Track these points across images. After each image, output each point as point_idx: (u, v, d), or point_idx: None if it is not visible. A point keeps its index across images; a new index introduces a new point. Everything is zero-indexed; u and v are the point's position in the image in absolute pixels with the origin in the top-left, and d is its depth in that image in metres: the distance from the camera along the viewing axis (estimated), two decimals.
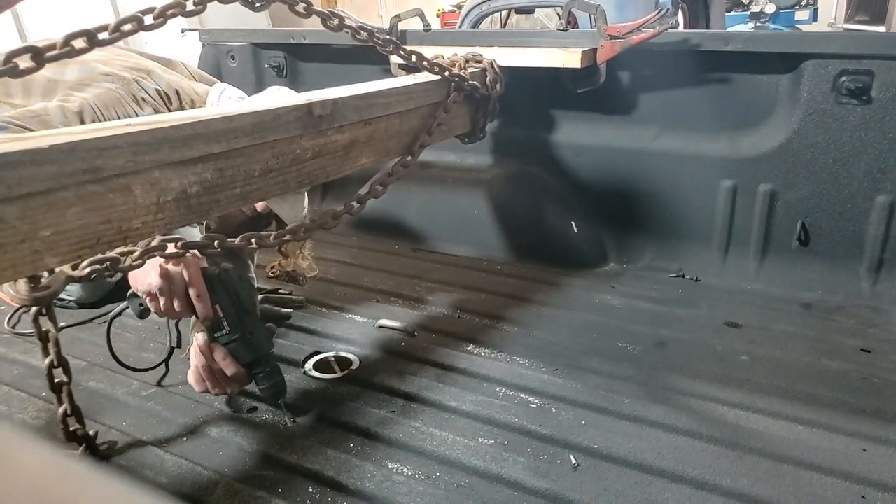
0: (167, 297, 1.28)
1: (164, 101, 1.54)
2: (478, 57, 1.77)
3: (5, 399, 1.46)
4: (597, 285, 2.02)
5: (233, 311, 1.32)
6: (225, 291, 1.32)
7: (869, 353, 1.60)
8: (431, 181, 2.37)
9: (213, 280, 1.31)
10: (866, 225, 1.86)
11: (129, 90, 1.47)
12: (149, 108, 1.47)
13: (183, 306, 1.29)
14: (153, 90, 1.52)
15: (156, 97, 1.52)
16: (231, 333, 1.32)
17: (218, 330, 1.32)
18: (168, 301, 1.28)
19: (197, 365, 1.34)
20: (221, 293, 1.31)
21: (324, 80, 1.59)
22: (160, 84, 1.55)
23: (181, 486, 1.19)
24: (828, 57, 1.78)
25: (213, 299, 1.30)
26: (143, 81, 1.53)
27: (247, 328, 1.34)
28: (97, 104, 1.39)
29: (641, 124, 2.08)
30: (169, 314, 1.31)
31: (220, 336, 1.32)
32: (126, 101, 1.44)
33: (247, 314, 1.35)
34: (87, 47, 0.98)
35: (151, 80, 1.54)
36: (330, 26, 1.27)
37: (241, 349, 1.32)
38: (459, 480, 1.19)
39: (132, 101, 1.46)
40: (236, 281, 1.35)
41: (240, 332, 1.33)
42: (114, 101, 1.42)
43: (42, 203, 0.81)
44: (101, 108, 1.39)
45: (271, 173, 1.13)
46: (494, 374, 1.51)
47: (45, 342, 1.16)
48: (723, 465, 1.20)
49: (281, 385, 1.37)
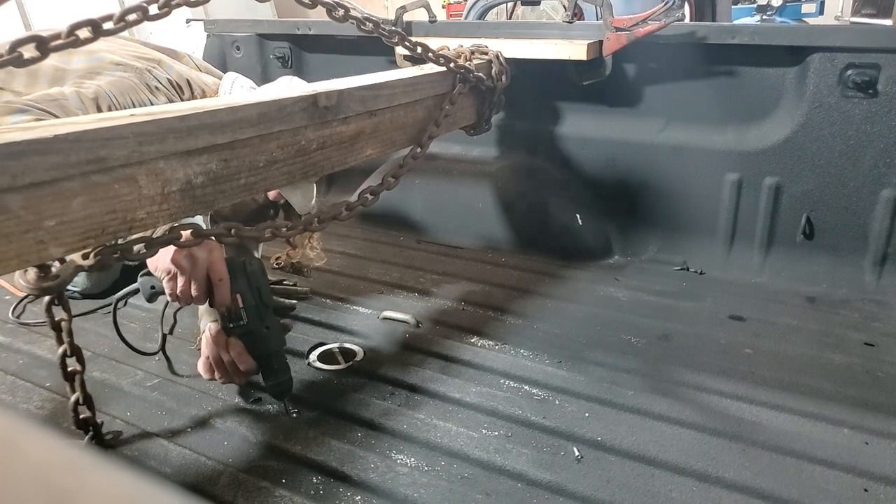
0: (187, 277, 1.27)
1: (177, 91, 1.53)
2: (483, 48, 1.77)
3: (10, 389, 1.46)
4: (601, 278, 2.02)
5: (253, 303, 1.32)
6: (247, 282, 1.32)
7: (873, 347, 1.59)
8: (436, 173, 2.37)
9: (236, 269, 1.30)
10: (871, 219, 1.85)
11: (142, 79, 1.46)
12: (162, 97, 1.47)
13: (200, 290, 1.28)
14: (165, 80, 1.52)
15: (168, 87, 1.52)
16: (249, 325, 1.32)
17: (235, 320, 1.32)
18: (186, 283, 1.27)
19: (209, 355, 1.34)
20: (244, 283, 1.31)
21: (329, 71, 1.59)
22: (171, 74, 1.55)
23: (185, 476, 1.20)
24: (834, 50, 1.77)
25: (234, 288, 1.30)
26: (155, 71, 1.52)
27: (264, 322, 1.34)
28: (113, 91, 1.39)
29: (647, 117, 2.07)
30: (184, 297, 1.29)
31: (235, 326, 1.32)
32: (140, 89, 1.44)
33: (265, 308, 1.35)
34: (91, 37, 0.98)
35: (163, 70, 1.54)
36: (335, 17, 1.26)
37: (256, 342, 1.33)
38: (463, 472, 1.19)
39: (146, 89, 1.45)
40: (259, 273, 1.35)
41: (257, 324, 1.32)
42: (128, 88, 1.42)
43: (47, 193, 0.81)
44: (116, 95, 1.39)
45: (276, 164, 1.13)
46: (498, 366, 1.51)
47: (59, 331, 1.16)
48: (726, 458, 1.21)
49: (287, 384, 1.36)
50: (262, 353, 1.33)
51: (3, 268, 0.80)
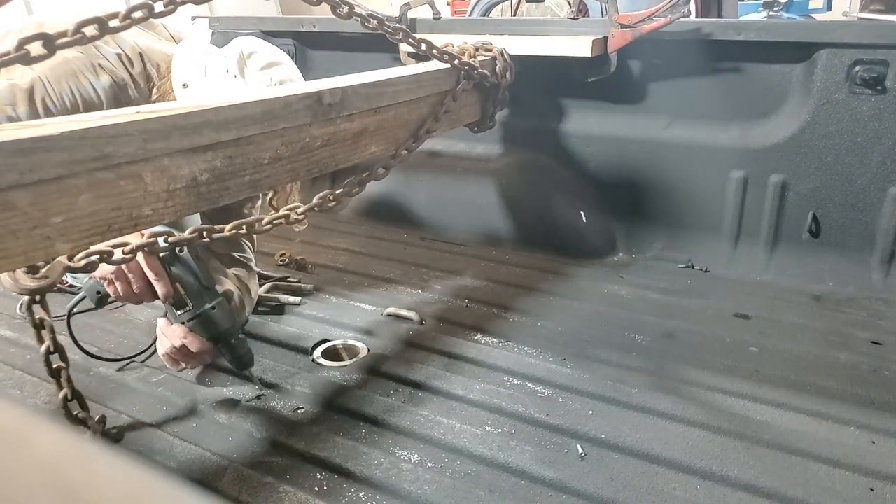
0: (123, 280, 1.29)
1: (126, 65, 1.49)
2: (488, 45, 1.76)
3: (18, 383, 1.47)
4: (605, 275, 2.01)
5: (194, 288, 1.34)
6: (183, 268, 1.33)
7: (879, 346, 1.59)
8: (440, 170, 2.37)
9: (169, 259, 1.32)
10: (878, 216, 1.84)
11: (87, 56, 1.43)
12: (106, 75, 1.43)
13: (142, 288, 1.30)
14: (113, 55, 1.47)
15: (115, 62, 1.47)
16: (194, 310, 1.35)
17: (181, 307, 1.35)
18: (125, 285, 1.30)
19: (165, 350, 1.38)
20: (180, 271, 1.33)
21: (333, 68, 1.59)
22: (124, 48, 1.50)
23: (190, 471, 1.20)
24: (842, 46, 1.76)
25: (172, 278, 1.32)
26: (105, 46, 1.47)
27: (209, 303, 1.36)
28: (49, 79, 1.36)
29: (652, 114, 2.07)
30: (129, 298, 1.32)
31: (183, 314, 1.35)
32: (81, 72, 1.40)
33: (206, 290, 1.37)
34: (97, 34, 0.99)
35: (115, 44, 1.49)
36: (340, 14, 1.26)
37: (207, 324, 1.35)
38: (466, 468, 1.19)
39: (89, 70, 1.41)
40: (193, 257, 1.36)
41: (203, 307, 1.35)
42: (67, 73, 1.39)
43: (54, 190, 0.82)
44: (52, 83, 1.36)
45: (280, 161, 1.14)
46: (502, 364, 1.51)
47: (40, 329, 1.17)
48: (730, 456, 1.20)
49: (247, 357, 1.40)
50: (215, 333, 1.37)
51: (9, 264, 0.81)
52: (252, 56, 1.41)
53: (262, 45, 1.47)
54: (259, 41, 1.49)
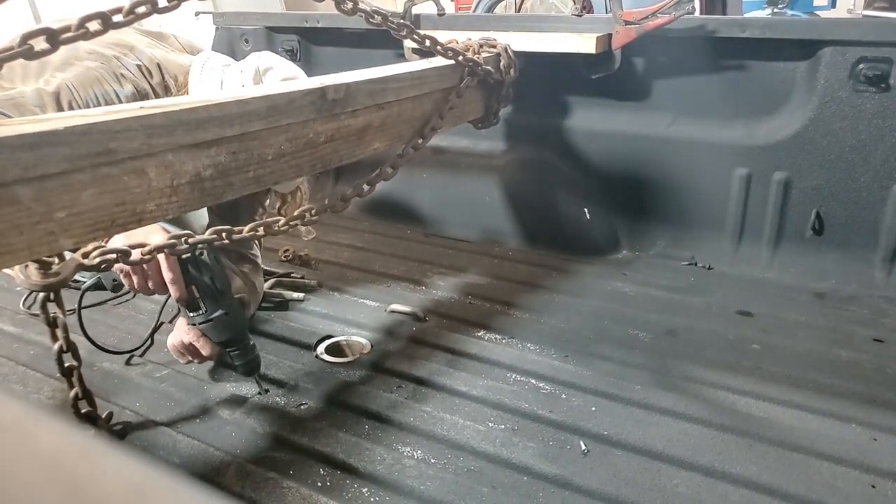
0: (140, 275, 1.31)
1: (145, 76, 1.51)
2: (492, 42, 1.76)
3: (21, 378, 1.48)
4: (609, 272, 2.01)
5: (209, 293, 1.35)
6: (200, 273, 1.34)
7: (882, 344, 1.59)
8: (444, 167, 2.37)
9: (187, 261, 1.33)
10: (882, 214, 1.84)
11: (109, 67, 1.45)
12: (129, 84, 1.45)
13: (157, 284, 1.32)
14: (134, 66, 1.49)
15: (136, 73, 1.49)
16: (207, 314, 1.35)
17: (195, 310, 1.35)
18: (141, 279, 1.32)
19: (174, 343, 1.42)
20: (197, 275, 1.33)
21: (337, 65, 1.59)
22: (142, 59, 1.52)
23: (194, 466, 1.21)
24: (846, 44, 1.76)
25: (188, 281, 1.32)
26: (124, 58, 1.50)
27: (223, 309, 1.36)
28: (74, 84, 1.38)
29: (656, 111, 2.06)
30: (142, 291, 1.35)
31: (195, 316, 1.35)
32: (105, 79, 1.42)
33: (222, 295, 1.37)
34: (101, 30, 0.99)
35: (133, 56, 1.51)
36: (344, 10, 1.26)
37: (217, 329, 1.36)
38: (469, 465, 1.19)
39: (112, 79, 1.44)
40: (212, 263, 1.37)
41: (216, 312, 1.35)
42: (92, 80, 1.41)
43: (57, 185, 0.82)
44: (78, 89, 1.38)
45: (284, 157, 1.14)
46: (505, 360, 1.51)
47: (54, 327, 1.17)
48: (732, 453, 1.20)
49: (255, 362, 1.41)
50: (225, 339, 1.37)
51: (13, 259, 0.81)
52: (269, 72, 1.44)
53: (280, 60, 1.49)
54: (276, 56, 1.51)
